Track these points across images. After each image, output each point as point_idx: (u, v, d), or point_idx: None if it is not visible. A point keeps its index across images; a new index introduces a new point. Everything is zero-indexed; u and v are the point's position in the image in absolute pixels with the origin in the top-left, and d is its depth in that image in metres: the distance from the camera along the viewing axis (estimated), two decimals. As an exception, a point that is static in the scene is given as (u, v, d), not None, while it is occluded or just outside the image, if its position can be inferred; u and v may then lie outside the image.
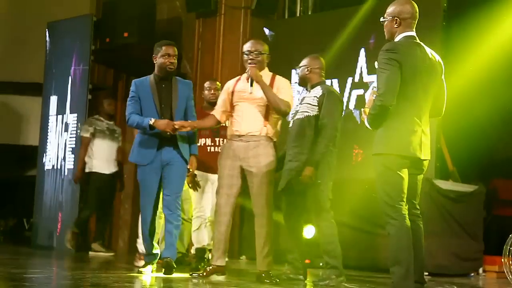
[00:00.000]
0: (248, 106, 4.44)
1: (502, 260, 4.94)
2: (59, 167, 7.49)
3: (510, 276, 4.92)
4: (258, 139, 4.40)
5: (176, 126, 4.44)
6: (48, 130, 7.75)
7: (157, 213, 4.68)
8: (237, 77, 4.62)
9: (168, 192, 4.53)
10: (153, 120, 4.44)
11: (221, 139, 5.27)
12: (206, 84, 5.49)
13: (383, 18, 3.72)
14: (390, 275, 3.56)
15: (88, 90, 7.41)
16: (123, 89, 8.44)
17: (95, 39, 7.61)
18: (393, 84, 3.48)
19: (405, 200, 3.57)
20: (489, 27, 6.17)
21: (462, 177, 6.29)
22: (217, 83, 5.48)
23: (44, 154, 7.71)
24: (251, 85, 4.42)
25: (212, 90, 5.40)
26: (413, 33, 3.69)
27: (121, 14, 7.71)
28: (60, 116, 7.62)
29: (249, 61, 4.47)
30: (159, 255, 4.67)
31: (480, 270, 6.15)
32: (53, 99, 7.75)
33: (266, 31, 7.49)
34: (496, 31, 6.13)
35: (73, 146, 7.36)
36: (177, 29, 8.10)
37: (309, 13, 7.72)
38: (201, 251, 5.33)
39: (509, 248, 4.91)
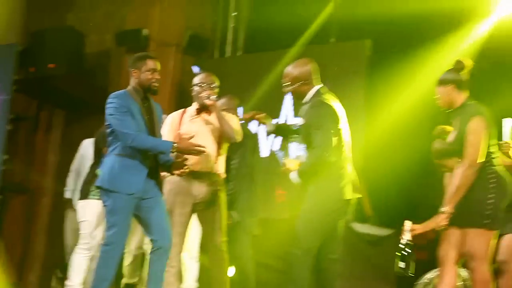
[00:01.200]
0: (199, 142, 4.23)
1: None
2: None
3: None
4: (210, 177, 4.26)
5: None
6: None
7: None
8: (182, 110, 4.46)
9: (168, 226, 3.98)
10: (175, 145, 3.83)
11: None
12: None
13: (290, 84, 3.81)
14: None
15: (9, 120, 7.18)
16: (45, 120, 8.24)
17: (19, 69, 7.42)
18: (331, 139, 3.71)
19: None
20: (411, 75, 6.42)
21: (379, 222, 6.45)
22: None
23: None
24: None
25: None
26: (321, 84, 3.84)
27: (49, 45, 7.59)
28: (-23, 146, 7.33)
29: (205, 93, 4.29)
30: None
31: (394, 313, 6.25)
32: (-29, 128, 7.46)
33: (195, 69, 7.52)
34: (417, 78, 6.40)
35: (-10, 176, 7.07)
36: (105, 63, 8.03)
37: (239, 54, 7.83)
38: (131, 287, 5.17)
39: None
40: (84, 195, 5.15)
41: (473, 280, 3.69)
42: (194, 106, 4.37)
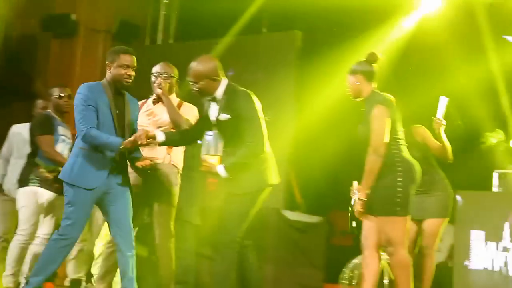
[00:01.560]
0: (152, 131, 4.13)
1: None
2: None
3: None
4: (161, 167, 4.17)
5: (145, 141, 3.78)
6: None
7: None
8: (143, 100, 4.41)
9: (127, 223, 3.86)
10: (124, 143, 3.76)
11: None
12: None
13: (197, 81, 3.82)
14: None
15: None
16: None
17: None
18: (263, 131, 3.76)
19: None
20: (340, 67, 6.56)
21: (308, 209, 6.61)
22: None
23: None
24: None
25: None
26: (227, 79, 3.87)
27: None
28: None
29: (157, 83, 4.29)
30: None
31: (320, 298, 6.43)
32: None
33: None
34: (345, 70, 6.56)
35: None
36: (31, 48, 7.81)
37: (171, 41, 7.79)
38: (77, 282, 5.05)
39: (345, 277, 5.21)
40: (23, 182, 5.05)
41: (391, 264, 3.85)
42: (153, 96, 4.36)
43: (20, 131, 5.39)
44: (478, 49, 6.35)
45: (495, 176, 5.50)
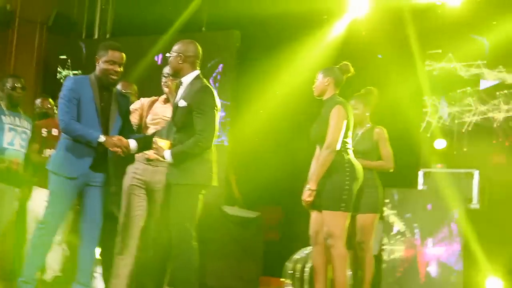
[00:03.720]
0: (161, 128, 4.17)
1: (282, 279, 5.38)
2: None
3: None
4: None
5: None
6: None
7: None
8: (154, 98, 4.41)
9: (97, 218, 3.95)
10: (103, 138, 3.83)
11: None
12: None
13: (169, 54, 3.94)
14: None
15: None
16: None
17: None
18: (214, 127, 3.82)
19: None
20: (279, 69, 6.76)
21: (246, 205, 6.78)
22: (50, 100, 5.20)
23: None
24: None
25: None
26: (198, 71, 3.97)
27: None
28: None
29: (163, 82, 4.32)
30: None
31: (256, 291, 6.62)
32: None
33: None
34: (285, 72, 6.75)
35: None
36: (-38, 37, 7.59)
37: (108, 36, 7.78)
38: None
39: (288, 270, 5.37)
40: None
41: (331, 256, 4.10)
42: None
43: None
44: (407, 55, 6.64)
45: (421, 174, 5.86)
